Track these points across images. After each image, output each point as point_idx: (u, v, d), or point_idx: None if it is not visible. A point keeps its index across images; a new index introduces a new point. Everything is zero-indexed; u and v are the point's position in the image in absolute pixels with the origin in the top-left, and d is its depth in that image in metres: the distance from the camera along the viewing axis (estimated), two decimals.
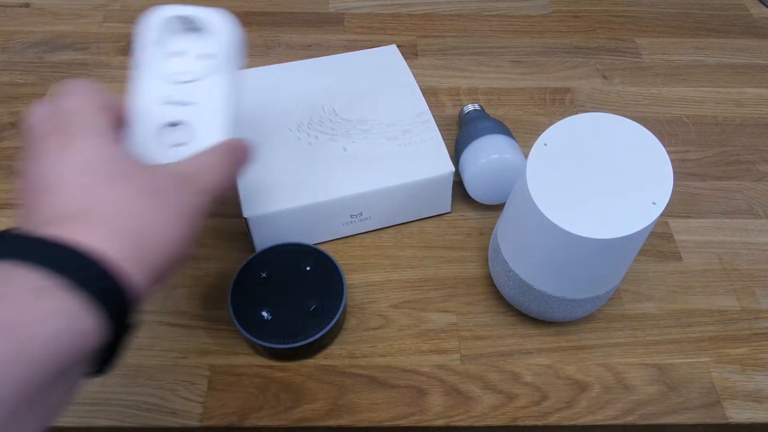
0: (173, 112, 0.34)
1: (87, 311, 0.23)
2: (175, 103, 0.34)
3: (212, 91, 0.35)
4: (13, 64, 0.62)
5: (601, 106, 0.60)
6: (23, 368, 0.20)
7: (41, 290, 0.22)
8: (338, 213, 0.45)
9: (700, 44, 0.67)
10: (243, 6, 0.70)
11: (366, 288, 0.45)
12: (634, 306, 0.45)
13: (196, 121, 0.34)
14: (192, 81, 0.34)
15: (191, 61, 0.35)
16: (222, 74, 0.35)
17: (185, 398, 0.40)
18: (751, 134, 0.58)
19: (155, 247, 0.27)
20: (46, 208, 0.26)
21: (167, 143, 0.34)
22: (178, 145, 0.34)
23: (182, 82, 0.34)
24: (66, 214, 0.26)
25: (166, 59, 0.35)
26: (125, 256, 0.25)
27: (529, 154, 0.35)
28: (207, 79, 0.35)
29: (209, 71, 0.35)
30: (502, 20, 0.69)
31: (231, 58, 0.35)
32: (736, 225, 0.50)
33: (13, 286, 0.22)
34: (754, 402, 0.40)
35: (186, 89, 0.34)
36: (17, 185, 0.31)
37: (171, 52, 0.35)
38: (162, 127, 0.34)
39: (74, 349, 0.22)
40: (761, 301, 0.45)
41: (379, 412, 0.39)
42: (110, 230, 0.25)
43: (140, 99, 0.34)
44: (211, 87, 0.35)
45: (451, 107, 0.59)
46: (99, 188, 0.27)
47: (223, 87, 0.35)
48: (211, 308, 0.44)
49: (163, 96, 0.34)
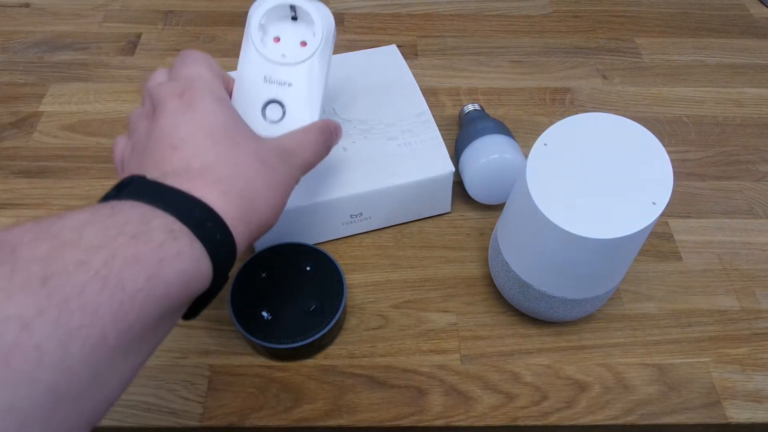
0: (272, 90, 0.38)
1: (204, 258, 0.25)
2: (274, 82, 0.38)
3: (306, 75, 0.38)
4: (13, 64, 0.62)
5: (601, 106, 0.60)
6: (154, 302, 0.23)
7: (173, 232, 0.24)
8: (338, 213, 0.45)
9: (700, 44, 0.67)
10: (243, 6, 0.70)
11: (366, 288, 0.45)
12: (634, 306, 0.45)
13: (291, 100, 0.38)
14: (290, 64, 0.38)
15: (291, 46, 0.39)
16: (316, 60, 0.38)
17: (185, 398, 0.40)
18: (751, 134, 0.58)
19: (257, 212, 0.29)
20: (172, 162, 0.28)
21: (266, 119, 0.38)
22: (273, 122, 0.38)
23: (281, 64, 0.38)
24: (189, 169, 0.28)
25: (270, 42, 0.39)
26: (235, 215, 0.28)
27: (529, 154, 0.35)
28: (303, 63, 0.38)
29: (305, 56, 0.38)
30: (502, 20, 0.69)
31: (324, 46, 0.38)
32: (736, 225, 0.50)
33: (151, 225, 0.24)
34: (754, 402, 0.40)
35: (284, 71, 0.38)
36: (129, 139, 0.33)
37: (274, 36, 0.39)
38: (262, 104, 0.38)
39: (190, 291, 0.25)
40: (761, 301, 0.45)
41: (379, 412, 0.39)
42: (225, 190, 0.28)
43: (245, 76, 0.38)
44: (306, 71, 0.38)
45: (451, 107, 0.59)
46: (219, 150, 0.29)
47: (315, 71, 0.38)
48: (211, 308, 0.44)
49: (265, 75, 0.38)
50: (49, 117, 0.57)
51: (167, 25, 0.67)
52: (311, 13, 0.38)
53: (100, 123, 0.57)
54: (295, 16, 0.39)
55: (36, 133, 0.56)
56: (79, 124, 0.56)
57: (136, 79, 0.61)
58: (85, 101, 0.59)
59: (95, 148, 0.54)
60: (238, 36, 0.66)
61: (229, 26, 0.67)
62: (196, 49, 0.42)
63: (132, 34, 0.66)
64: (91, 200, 0.50)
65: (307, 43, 0.38)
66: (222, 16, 0.68)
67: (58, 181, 0.52)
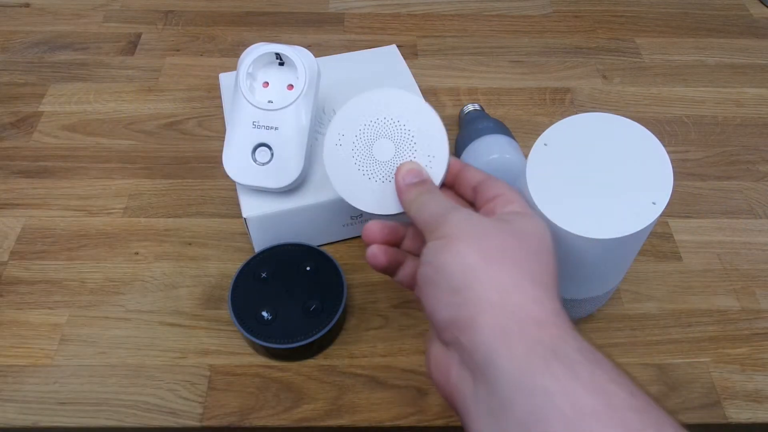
0: (260, 135, 0.41)
1: None
2: (262, 127, 0.41)
3: (292, 119, 0.41)
4: (13, 64, 0.62)
5: (601, 106, 0.60)
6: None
7: None
8: (338, 214, 0.45)
9: (700, 44, 0.67)
10: (243, 6, 0.70)
11: (366, 288, 0.45)
12: (634, 306, 0.45)
13: (278, 143, 0.41)
14: (276, 110, 0.41)
15: (278, 90, 0.42)
16: (301, 103, 0.41)
17: (185, 398, 0.40)
18: (751, 134, 0.58)
19: None
20: None
21: (255, 161, 0.41)
22: (262, 164, 0.41)
23: (268, 110, 0.41)
24: None
25: (259, 87, 0.42)
26: None
27: (529, 154, 0.35)
28: (288, 108, 0.41)
29: (290, 100, 0.41)
30: (502, 20, 0.69)
31: (308, 89, 0.41)
32: (736, 225, 0.50)
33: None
34: (754, 402, 0.40)
35: (271, 116, 0.41)
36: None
37: (264, 81, 0.42)
38: (251, 147, 0.41)
39: None
40: (761, 301, 0.45)
41: (379, 412, 0.39)
42: None
43: (235, 122, 0.41)
44: (292, 115, 0.41)
45: (451, 107, 0.59)
46: None
47: (301, 115, 0.41)
48: (211, 308, 0.44)
49: (254, 121, 0.41)
50: (49, 117, 0.57)
51: (167, 25, 0.67)
52: (294, 59, 0.41)
53: (100, 123, 0.57)
54: (282, 62, 0.42)
55: (36, 133, 0.56)
56: (79, 124, 0.56)
57: (136, 79, 0.61)
58: (85, 101, 0.59)
59: (95, 148, 0.55)
60: (238, 36, 0.67)
61: (229, 26, 0.67)
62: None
63: (132, 34, 0.66)
64: (91, 200, 0.50)
65: (293, 86, 0.41)
66: (222, 16, 0.68)
67: (58, 181, 0.52)
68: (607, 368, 0.23)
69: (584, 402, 0.21)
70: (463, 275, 0.26)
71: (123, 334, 0.42)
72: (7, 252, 0.47)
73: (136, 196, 0.51)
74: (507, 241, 0.27)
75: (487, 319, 0.25)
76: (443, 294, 0.27)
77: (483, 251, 0.27)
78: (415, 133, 0.34)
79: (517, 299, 0.25)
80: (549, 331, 0.24)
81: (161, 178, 0.52)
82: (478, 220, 0.29)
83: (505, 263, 0.26)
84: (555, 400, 0.21)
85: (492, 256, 0.27)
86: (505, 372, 0.23)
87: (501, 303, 0.25)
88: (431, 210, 0.30)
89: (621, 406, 0.21)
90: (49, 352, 0.41)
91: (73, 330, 0.43)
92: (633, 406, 0.21)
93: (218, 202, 0.51)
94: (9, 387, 0.40)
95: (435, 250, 0.28)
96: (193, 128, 0.56)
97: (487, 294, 0.25)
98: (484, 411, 0.24)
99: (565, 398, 0.21)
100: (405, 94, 0.35)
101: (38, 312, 0.43)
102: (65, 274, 0.46)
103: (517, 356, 0.23)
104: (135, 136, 0.56)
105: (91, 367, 0.41)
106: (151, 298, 0.44)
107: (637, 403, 0.21)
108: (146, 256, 0.47)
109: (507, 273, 0.26)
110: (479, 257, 0.26)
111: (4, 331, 0.42)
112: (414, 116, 0.34)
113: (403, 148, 0.34)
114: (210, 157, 0.54)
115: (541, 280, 0.27)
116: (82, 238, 0.48)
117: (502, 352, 0.24)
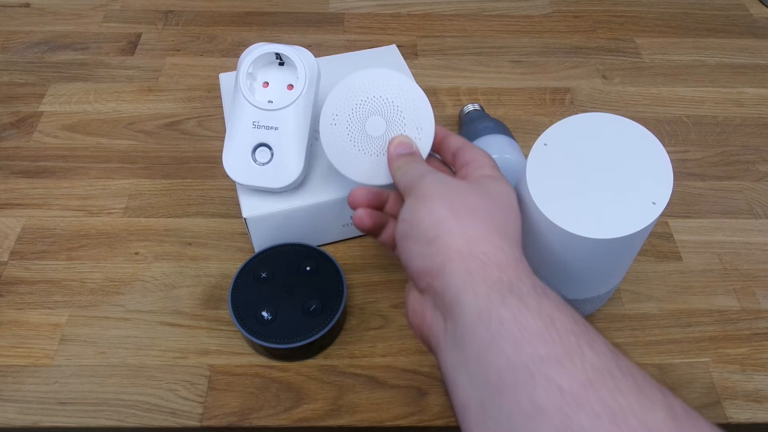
0: (260, 134, 0.41)
1: None
2: (262, 127, 0.41)
3: (292, 118, 0.41)
4: (13, 64, 0.62)
5: (601, 106, 0.60)
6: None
7: None
8: (338, 214, 0.45)
9: (700, 44, 0.67)
10: (243, 6, 0.70)
11: (366, 288, 0.45)
12: (634, 306, 0.45)
13: (278, 143, 0.41)
14: (276, 110, 0.41)
15: (278, 91, 0.42)
16: (301, 103, 0.41)
17: (185, 398, 0.40)
18: (751, 134, 0.58)
19: None
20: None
21: (256, 161, 0.41)
22: (263, 164, 0.41)
23: (268, 110, 0.41)
24: None
25: (259, 88, 0.42)
26: None
27: (529, 154, 0.35)
28: (288, 108, 0.41)
29: (290, 100, 0.41)
30: (502, 20, 0.69)
31: (308, 89, 0.41)
32: (736, 225, 0.50)
33: None
34: (754, 402, 0.40)
35: (271, 116, 0.41)
36: None
37: (264, 81, 0.42)
38: (252, 147, 0.41)
39: None
40: (761, 301, 0.45)
41: (379, 412, 0.39)
42: None
43: (235, 122, 0.41)
44: (291, 115, 0.41)
45: (451, 107, 0.59)
46: None
47: (300, 115, 0.41)
48: (211, 308, 0.44)
49: (254, 121, 0.41)
50: (49, 117, 0.57)
51: (167, 25, 0.67)
52: (294, 59, 0.41)
53: (100, 123, 0.57)
54: (282, 62, 0.42)
55: (36, 133, 0.56)
56: (79, 124, 0.56)
57: (136, 79, 0.61)
58: (85, 101, 0.59)
59: (95, 148, 0.55)
60: (238, 36, 0.67)
61: (229, 26, 0.67)
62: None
63: (132, 34, 0.66)
64: (91, 200, 0.50)
65: (293, 86, 0.41)
66: (222, 16, 0.68)
67: (58, 181, 0.52)
68: (555, 301, 0.26)
69: (532, 326, 0.24)
70: (435, 228, 0.30)
71: (123, 334, 0.42)
72: (7, 252, 0.47)
73: (136, 196, 0.51)
74: (475, 199, 0.31)
75: (455, 265, 0.28)
76: (418, 246, 0.30)
77: (453, 207, 0.30)
78: (403, 108, 0.38)
79: (482, 247, 0.28)
80: (508, 273, 0.27)
81: (161, 178, 0.52)
82: (450, 181, 0.33)
83: (473, 217, 0.30)
84: (507, 326, 0.25)
85: (461, 211, 0.30)
86: (469, 308, 0.27)
87: (468, 250, 0.28)
88: (411, 175, 0.34)
89: (562, 329, 0.24)
90: (49, 352, 0.41)
91: (73, 330, 0.43)
92: (573, 329, 0.24)
93: (218, 202, 0.51)
94: (9, 387, 0.40)
95: (411, 208, 0.32)
96: (193, 128, 0.56)
97: (456, 243, 0.29)
98: (451, 345, 0.28)
99: (515, 323, 0.25)
100: (391, 72, 0.38)
101: (38, 312, 0.43)
102: (65, 274, 0.46)
103: (480, 294, 0.27)
104: (135, 136, 0.56)
105: (91, 367, 0.41)
106: (151, 298, 0.44)
107: (576, 327, 0.25)
108: (146, 256, 0.47)
109: (474, 225, 0.29)
110: (449, 212, 0.30)
111: (4, 331, 0.42)
112: (401, 93, 0.38)
113: (394, 122, 0.38)
114: (210, 157, 0.54)
115: (505, 233, 0.30)
116: (82, 238, 0.48)
117: (467, 292, 0.27)
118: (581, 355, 0.23)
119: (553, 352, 0.23)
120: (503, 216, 0.31)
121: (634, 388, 0.22)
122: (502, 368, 0.24)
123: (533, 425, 0.22)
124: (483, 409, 0.25)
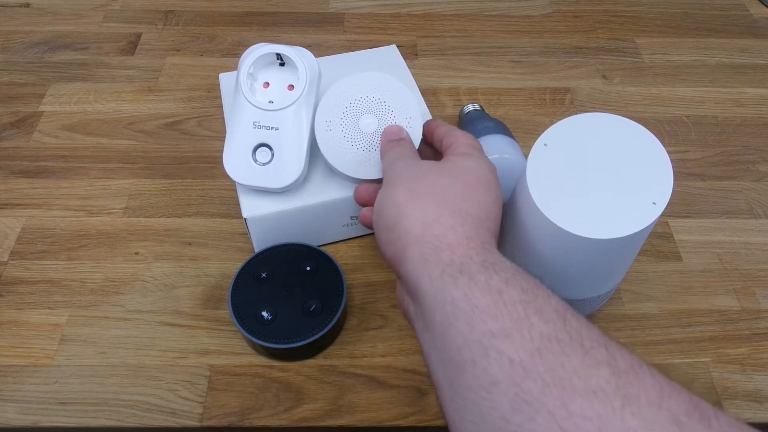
0: (261, 135, 0.41)
1: None
2: (263, 127, 0.41)
3: (292, 119, 0.41)
4: (13, 64, 0.62)
5: (601, 106, 0.60)
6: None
7: None
8: (338, 214, 0.45)
9: (700, 44, 0.67)
10: (243, 6, 0.70)
11: (366, 288, 0.45)
12: (634, 306, 0.45)
13: (279, 143, 0.41)
14: (277, 110, 0.41)
15: (279, 91, 0.42)
16: (302, 103, 0.41)
17: (185, 398, 0.40)
18: (751, 134, 0.58)
19: None
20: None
21: (256, 162, 0.41)
22: (263, 164, 0.41)
23: (269, 111, 0.41)
24: None
25: (260, 88, 0.42)
26: None
27: (529, 154, 0.35)
28: (289, 108, 0.41)
29: (291, 101, 0.41)
30: (502, 20, 0.69)
31: (309, 89, 0.41)
32: (736, 225, 0.50)
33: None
34: (754, 402, 0.40)
35: (272, 116, 0.41)
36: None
37: (264, 81, 0.42)
38: (252, 147, 0.41)
39: None
40: (761, 301, 0.45)
41: (379, 412, 0.39)
42: None
43: (236, 122, 0.41)
44: (292, 115, 0.41)
45: (451, 107, 0.59)
46: None
47: (301, 115, 0.41)
48: (211, 308, 0.44)
49: (254, 121, 0.41)
50: (49, 117, 0.57)
51: (167, 25, 0.67)
52: (294, 60, 0.41)
53: (100, 123, 0.57)
54: (283, 62, 0.42)
55: (36, 133, 0.56)
56: (79, 124, 0.56)
57: (136, 79, 0.61)
58: (85, 101, 0.59)
59: (95, 148, 0.55)
60: (238, 36, 0.67)
61: (229, 26, 0.67)
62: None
63: (132, 34, 0.66)
64: (91, 200, 0.50)
65: (294, 87, 0.42)
66: (222, 16, 0.69)
67: (58, 181, 0.52)
68: (504, 273, 0.27)
69: (481, 302, 0.25)
70: (394, 214, 0.31)
71: (123, 334, 0.42)
72: (7, 252, 0.47)
73: (136, 196, 0.51)
74: (437, 180, 0.32)
75: (413, 251, 0.29)
76: (384, 233, 0.31)
77: (411, 191, 0.31)
78: (390, 103, 0.40)
79: (434, 230, 0.29)
80: (458, 253, 0.28)
81: (161, 178, 0.52)
82: (417, 165, 0.34)
83: (428, 199, 0.31)
84: (460, 305, 0.26)
85: (418, 194, 0.31)
86: (426, 293, 0.28)
87: (423, 235, 0.29)
88: (385, 162, 0.36)
89: (509, 301, 0.25)
90: (49, 352, 0.41)
91: (73, 330, 0.43)
92: (521, 300, 0.25)
93: (218, 202, 0.51)
94: (9, 387, 0.40)
95: (379, 197, 0.33)
96: (193, 128, 0.56)
97: (412, 228, 0.30)
98: (421, 326, 0.29)
99: (466, 302, 0.25)
100: (370, 73, 0.40)
101: (38, 312, 0.43)
102: (65, 274, 0.46)
103: (434, 277, 0.27)
104: (135, 136, 0.56)
105: (91, 367, 0.41)
106: (151, 298, 0.44)
107: (525, 297, 0.25)
108: (146, 256, 0.47)
109: (429, 207, 0.30)
110: (408, 197, 0.31)
111: (4, 331, 0.42)
112: (386, 90, 0.40)
113: (385, 118, 0.40)
114: (210, 157, 0.54)
115: (459, 209, 0.30)
116: (82, 238, 0.48)
117: (423, 277, 0.28)
118: (529, 325, 0.24)
119: (502, 325, 0.24)
120: (461, 191, 0.31)
121: (579, 351, 0.23)
122: (460, 346, 0.25)
123: (491, 398, 0.23)
124: (451, 386, 0.26)
